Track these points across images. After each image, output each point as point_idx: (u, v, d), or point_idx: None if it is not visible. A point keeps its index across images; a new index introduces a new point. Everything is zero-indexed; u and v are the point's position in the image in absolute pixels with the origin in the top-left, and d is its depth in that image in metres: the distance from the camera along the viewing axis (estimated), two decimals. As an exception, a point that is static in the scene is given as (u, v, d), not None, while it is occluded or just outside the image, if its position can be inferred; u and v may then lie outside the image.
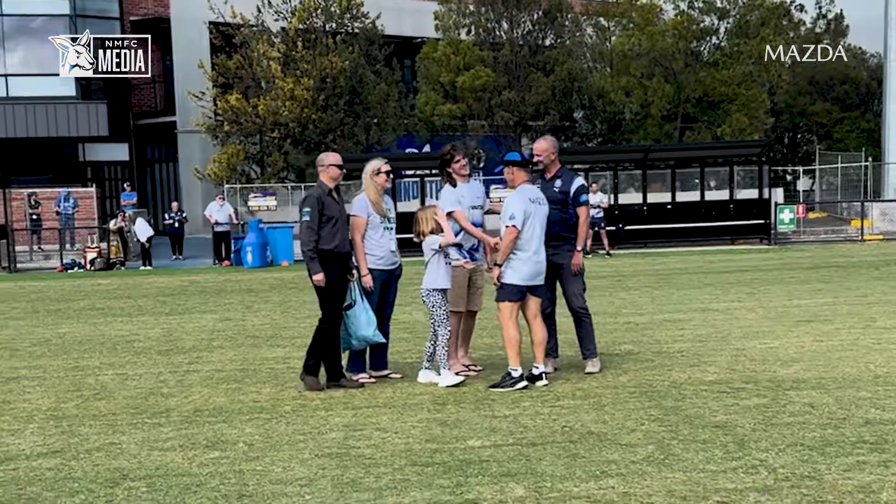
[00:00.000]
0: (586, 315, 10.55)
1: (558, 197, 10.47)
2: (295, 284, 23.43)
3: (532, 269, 9.97)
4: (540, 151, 10.61)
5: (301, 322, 15.90)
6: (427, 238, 10.57)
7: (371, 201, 10.51)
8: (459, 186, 10.95)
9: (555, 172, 10.61)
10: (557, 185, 10.53)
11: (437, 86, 40.32)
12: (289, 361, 12.09)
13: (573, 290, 10.52)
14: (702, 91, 39.57)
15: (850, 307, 15.33)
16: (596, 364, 10.50)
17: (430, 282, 10.52)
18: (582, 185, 10.58)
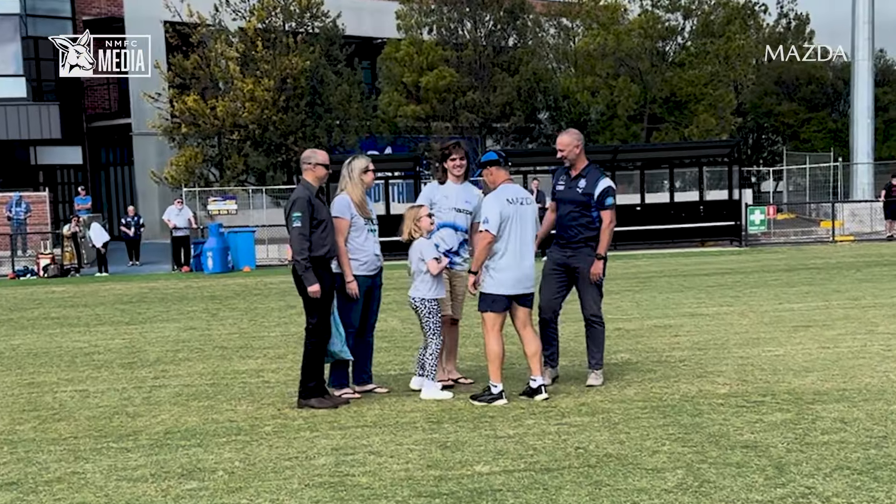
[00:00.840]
0: (599, 323, 9.85)
1: (580, 199, 9.76)
2: (259, 291, 22.56)
3: (514, 275, 9.19)
4: (563, 146, 9.86)
5: (271, 331, 15.06)
6: (419, 241, 9.80)
7: (355, 202, 9.71)
8: (448, 185, 10.19)
9: (580, 170, 9.86)
10: (581, 185, 9.79)
11: (400, 86, 39.54)
12: (263, 375, 11.26)
13: (589, 296, 9.82)
14: (668, 91, 39.06)
15: (845, 311, 14.73)
16: (599, 377, 9.77)
17: (424, 291, 9.75)
18: (608, 188, 9.79)
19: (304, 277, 9.12)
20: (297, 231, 9.12)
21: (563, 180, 9.97)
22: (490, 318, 9.21)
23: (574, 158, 9.81)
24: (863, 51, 37.52)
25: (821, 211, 38.60)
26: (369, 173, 9.82)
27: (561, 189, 9.96)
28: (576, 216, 9.74)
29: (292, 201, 9.26)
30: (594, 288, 9.79)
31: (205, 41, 38.55)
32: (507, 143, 41.33)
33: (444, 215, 10.07)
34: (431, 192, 10.26)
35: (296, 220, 9.14)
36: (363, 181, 9.76)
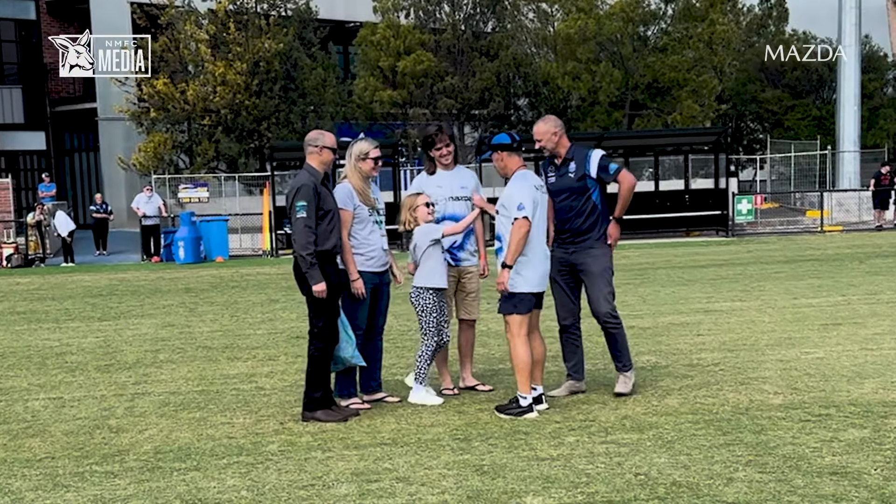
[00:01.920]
0: (615, 324, 8.79)
1: (576, 185, 8.74)
2: (236, 283, 21.48)
3: (541, 271, 8.34)
4: (540, 135, 8.83)
5: (256, 328, 14.02)
6: (422, 227, 8.85)
7: (356, 190, 8.68)
8: (439, 174, 9.21)
9: (565, 155, 8.82)
10: (571, 169, 8.75)
11: (377, 71, 38.39)
12: (255, 380, 10.23)
13: (599, 292, 8.75)
14: (651, 77, 38.14)
15: (870, 307, 13.86)
16: (628, 381, 8.77)
17: (422, 278, 8.85)
18: (603, 156, 8.79)
19: (309, 275, 8.10)
20: (302, 222, 8.10)
21: (551, 172, 8.96)
22: (516, 321, 8.24)
23: (554, 147, 8.78)
24: (850, 36, 36.77)
25: (806, 200, 37.85)
26: (367, 161, 8.77)
27: (552, 181, 8.91)
28: (574, 206, 8.74)
29: (296, 189, 8.22)
30: (604, 282, 8.74)
31: (174, 23, 37.22)
32: (485, 130, 40.28)
33: (442, 207, 9.10)
34: (422, 185, 9.28)
35: (300, 210, 8.11)
36: (360, 168, 8.73)
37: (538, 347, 8.41)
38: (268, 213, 30.96)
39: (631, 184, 8.80)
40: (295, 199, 8.16)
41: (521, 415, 8.12)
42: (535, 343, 8.38)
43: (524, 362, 8.17)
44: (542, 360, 8.46)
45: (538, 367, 8.39)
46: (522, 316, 8.22)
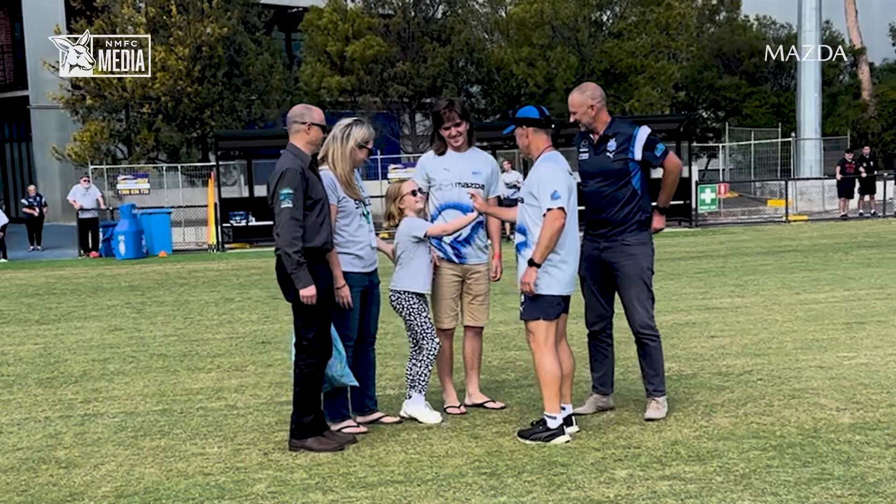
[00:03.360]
0: (653, 336, 7.54)
1: (613, 167, 7.44)
2: (184, 280, 20.00)
3: (573, 270, 7.12)
4: (575, 107, 7.54)
5: (215, 332, 12.63)
6: (406, 221, 7.60)
7: (341, 180, 7.35)
8: (448, 155, 7.93)
9: (604, 131, 7.54)
10: (611, 147, 7.45)
11: (324, 56, 36.89)
12: (224, 395, 8.87)
13: (636, 298, 7.50)
14: (608, 63, 37.02)
15: (884, 303, 12.82)
16: (662, 407, 7.50)
17: (403, 280, 7.67)
18: (650, 134, 7.49)
19: (295, 277, 6.78)
20: (287, 214, 6.76)
21: (584, 148, 7.67)
22: (542, 329, 6.99)
23: (591, 121, 7.50)
24: (810, 20, 35.93)
25: (766, 189, 37.00)
26: (364, 150, 7.48)
27: (584, 159, 7.64)
28: (609, 192, 7.45)
29: (279, 173, 6.86)
30: (641, 287, 7.49)
31: (110, 6, 35.50)
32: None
33: (447, 193, 7.83)
34: (427, 166, 8.02)
35: (285, 199, 6.77)
36: (353, 157, 7.41)
37: (567, 359, 7.17)
38: (213, 205, 29.45)
39: (679, 169, 7.59)
40: (278, 186, 6.82)
41: (551, 439, 6.88)
42: (562, 354, 7.14)
43: (553, 376, 6.94)
44: (571, 373, 7.22)
45: (567, 383, 7.15)
46: (549, 322, 6.98)
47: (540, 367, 7.00)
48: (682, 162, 28.41)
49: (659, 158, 7.40)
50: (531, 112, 7.25)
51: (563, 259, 6.97)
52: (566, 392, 7.12)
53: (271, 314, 14.11)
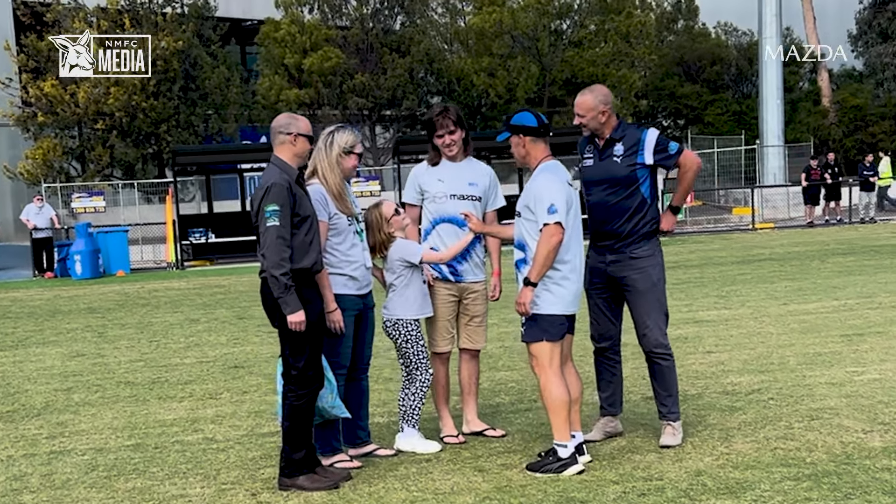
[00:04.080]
0: (666, 355, 7.03)
1: (621, 173, 6.92)
2: (145, 300, 19.32)
3: (576, 288, 6.59)
4: (583, 110, 7.01)
5: (182, 356, 12.01)
6: (398, 244, 7.05)
7: (332, 194, 6.80)
8: (443, 165, 7.41)
9: (610, 135, 7.02)
10: (618, 151, 6.93)
11: (281, 69, 36.26)
12: (200, 427, 8.28)
13: (648, 315, 6.97)
14: (569, 72, 36.71)
15: (876, 313, 12.43)
16: (677, 432, 6.97)
17: (397, 308, 7.10)
18: (659, 135, 6.98)
19: (283, 301, 6.21)
20: (274, 233, 6.19)
21: (588, 153, 7.14)
22: (545, 351, 6.49)
23: (599, 126, 6.98)
24: (771, 27, 35.79)
25: (730, 197, 36.77)
26: (352, 156, 6.93)
27: (589, 165, 7.12)
28: (615, 201, 6.93)
29: (264, 188, 6.29)
30: (654, 304, 6.96)
31: (60, 20, 34.71)
32: (398, 131, 38.48)
33: (442, 206, 7.30)
34: (420, 177, 7.49)
35: (271, 217, 6.20)
36: (342, 165, 6.87)
37: (574, 382, 6.66)
38: (171, 222, 28.72)
39: (697, 166, 7.10)
40: (263, 203, 6.25)
41: (563, 469, 6.36)
42: (569, 377, 6.63)
43: (560, 402, 6.43)
44: (579, 398, 6.72)
45: (576, 408, 6.64)
46: (553, 344, 6.47)
47: (546, 392, 6.48)
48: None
49: (674, 157, 6.91)
50: (528, 119, 6.73)
51: (565, 276, 6.46)
52: (575, 418, 6.61)
53: (240, 336, 13.50)
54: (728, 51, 43.95)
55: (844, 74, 50.13)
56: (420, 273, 7.15)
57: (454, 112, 7.42)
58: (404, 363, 7.19)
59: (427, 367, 7.13)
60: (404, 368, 7.23)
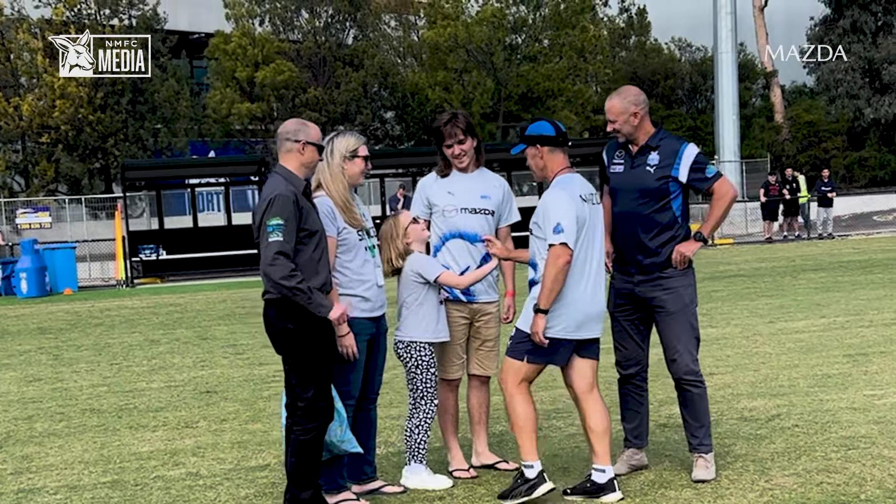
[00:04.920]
0: (697, 383, 6.49)
1: (653, 185, 6.38)
2: (98, 319, 18.53)
3: (584, 311, 6.01)
4: (614, 114, 6.48)
5: (150, 381, 11.32)
6: (413, 257, 6.47)
7: (338, 205, 6.21)
8: (453, 177, 6.84)
9: (645, 141, 6.48)
10: (653, 160, 6.39)
11: (233, 82, 35.51)
12: (181, 460, 7.62)
13: (678, 341, 6.43)
14: (524, 87, 36.35)
15: (871, 331, 12.06)
16: (710, 465, 6.41)
17: (410, 329, 6.52)
18: (699, 154, 6.45)
19: (316, 306, 5.64)
20: (276, 248, 5.58)
21: (618, 160, 6.59)
22: (516, 369, 6.07)
23: (633, 131, 6.45)
24: (726, 42, 35.73)
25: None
26: (357, 161, 6.33)
27: (618, 172, 6.56)
28: (644, 214, 6.40)
29: (268, 200, 5.68)
30: (685, 328, 6.42)
31: (3, 31, 33.74)
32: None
33: (452, 221, 6.73)
34: (428, 189, 6.92)
35: (275, 232, 5.60)
36: (346, 173, 6.28)
37: (601, 412, 6.13)
38: (120, 238, 27.86)
39: (732, 197, 6.51)
40: (266, 216, 5.64)
41: (532, 491, 5.98)
42: (593, 407, 6.13)
43: (524, 419, 6.06)
44: (607, 429, 6.14)
45: (605, 440, 6.09)
46: (529, 366, 6.06)
47: (510, 409, 6.07)
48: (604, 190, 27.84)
49: (709, 182, 6.37)
50: (545, 128, 6.20)
51: (572, 296, 5.95)
52: (603, 450, 6.07)
53: (207, 358, 12.83)
54: (681, 66, 43.87)
55: (796, 91, 50.32)
56: (436, 292, 6.56)
57: (464, 119, 6.85)
58: (412, 389, 6.60)
59: (434, 397, 6.54)
60: (411, 395, 6.64)
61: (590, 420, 6.10)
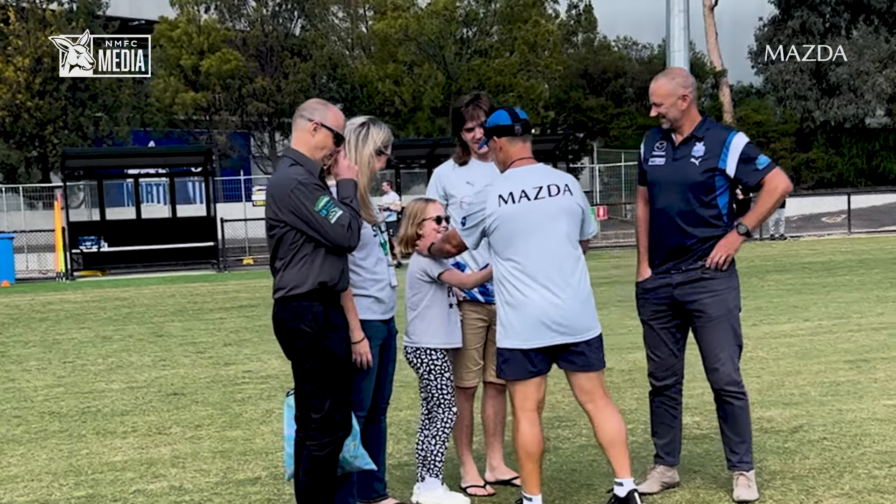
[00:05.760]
0: (739, 394, 5.94)
1: (698, 178, 5.82)
2: (42, 314, 17.69)
3: (533, 314, 5.31)
4: (659, 96, 5.95)
5: (109, 381, 10.60)
6: (414, 259, 5.96)
7: (360, 199, 5.58)
8: (471, 166, 6.24)
9: (691, 131, 5.93)
10: (698, 152, 5.84)
11: (177, 70, 34.57)
12: (161, 472, 6.96)
13: (721, 349, 5.88)
14: (476, 81, 35.82)
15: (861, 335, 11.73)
16: (752, 485, 5.87)
17: (420, 333, 5.95)
18: (750, 145, 5.88)
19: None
20: (345, 219, 5.00)
21: (659, 151, 6.04)
22: (511, 389, 5.49)
23: (679, 117, 5.92)
24: (678, 41, 35.18)
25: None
26: (382, 158, 5.73)
27: (659, 164, 6.00)
28: (687, 210, 5.86)
29: (295, 185, 4.98)
30: (727, 335, 5.88)
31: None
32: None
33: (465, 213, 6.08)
34: (445, 178, 6.33)
35: (330, 209, 4.97)
36: (371, 167, 5.67)
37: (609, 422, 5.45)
38: (60, 229, 26.87)
39: (783, 191, 5.93)
40: (306, 203, 4.92)
41: None
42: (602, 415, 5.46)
43: (524, 450, 5.44)
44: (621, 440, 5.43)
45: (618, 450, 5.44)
46: (515, 382, 5.42)
47: (514, 433, 5.48)
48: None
49: (761, 174, 5.82)
50: (501, 118, 5.54)
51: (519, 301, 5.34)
52: (621, 462, 5.45)
53: (166, 356, 12.12)
54: (631, 64, 43.59)
55: (743, 91, 50.37)
56: (445, 293, 5.97)
57: (487, 101, 6.27)
58: (426, 398, 6.01)
59: (451, 404, 5.96)
60: (425, 405, 6.06)
61: (599, 434, 5.48)
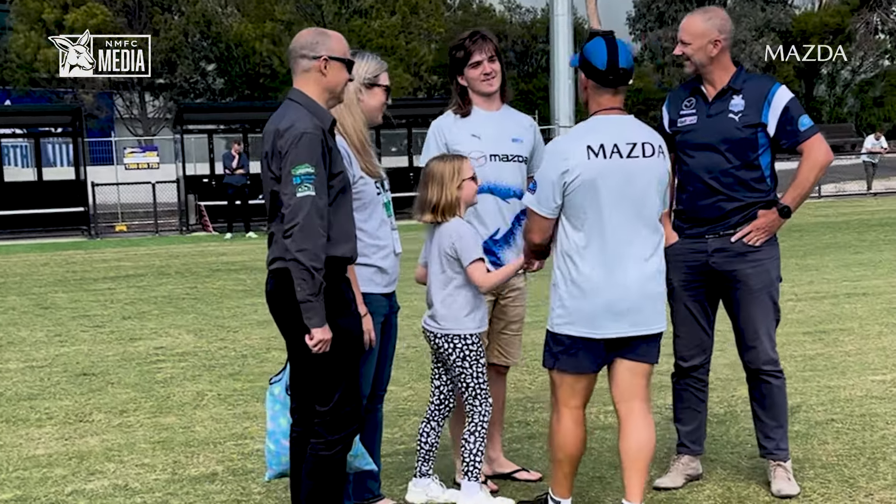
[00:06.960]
0: (776, 373, 5.30)
1: (738, 134, 5.10)
2: None
3: (603, 298, 4.49)
4: (690, 36, 5.18)
5: (4, 359, 9.50)
6: (454, 225, 5.01)
7: (354, 146, 4.76)
8: (475, 116, 5.40)
9: (728, 83, 5.21)
10: (736, 105, 5.14)
11: (38, 25, 32.63)
12: (94, 467, 6.06)
13: (760, 325, 5.24)
14: (356, 42, 34.79)
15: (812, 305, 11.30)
16: (791, 476, 5.27)
17: (451, 320, 5.06)
18: (794, 100, 5.18)
19: (309, 309, 4.07)
20: (310, 206, 4.05)
21: (688, 107, 5.30)
22: (554, 381, 4.70)
23: (706, 63, 5.19)
24: (562, 5, 34.95)
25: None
26: (376, 91, 4.89)
27: (690, 123, 5.26)
28: (727, 168, 5.14)
29: (293, 139, 4.08)
30: (763, 306, 5.22)
31: None
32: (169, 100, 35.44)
33: (479, 171, 5.18)
34: (446, 131, 5.41)
35: (303, 184, 4.05)
36: (363, 105, 4.83)
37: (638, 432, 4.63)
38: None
39: (824, 164, 5.19)
40: (292, 160, 4.07)
41: None
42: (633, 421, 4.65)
43: (557, 450, 4.69)
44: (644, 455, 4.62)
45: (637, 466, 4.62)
46: (564, 375, 4.63)
47: (550, 430, 4.77)
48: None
49: (799, 138, 5.15)
50: (596, 57, 4.52)
51: (585, 280, 4.51)
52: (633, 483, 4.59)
53: (61, 331, 11.01)
54: (512, 27, 43.10)
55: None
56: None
57: (490, 37, 5.44)
58: (459, 390, 5.16)
59: (488, 395, 5.08)
60: (437, 393, 5.27)
61: (623, 444, 4.63)
